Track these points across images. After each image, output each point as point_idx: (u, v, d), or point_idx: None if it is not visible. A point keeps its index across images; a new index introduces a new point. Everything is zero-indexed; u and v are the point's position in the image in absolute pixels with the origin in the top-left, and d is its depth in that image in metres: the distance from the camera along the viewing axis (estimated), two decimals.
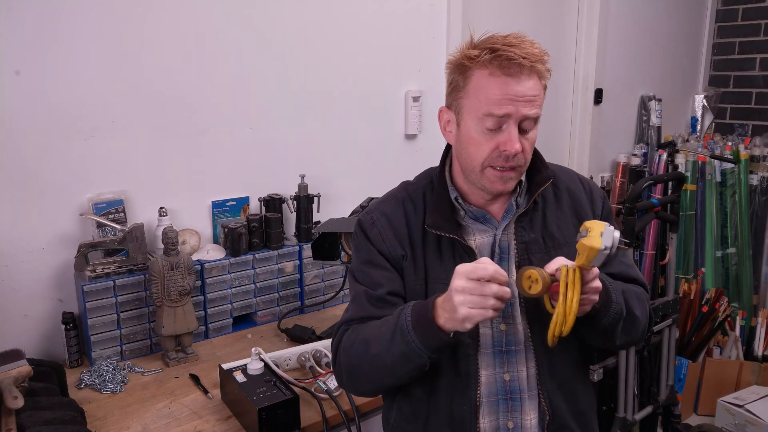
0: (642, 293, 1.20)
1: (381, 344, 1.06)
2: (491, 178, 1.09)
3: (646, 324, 1.21)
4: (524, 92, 1.02)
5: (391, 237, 1.15)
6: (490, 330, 1.13)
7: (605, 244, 0.92)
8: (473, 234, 1.15)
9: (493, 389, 1.13)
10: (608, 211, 1.24)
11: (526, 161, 1.11)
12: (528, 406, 1.14)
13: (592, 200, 1.22)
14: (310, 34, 2.06)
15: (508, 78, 1.02)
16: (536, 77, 1.04)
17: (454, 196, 1.16)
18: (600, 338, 1.15)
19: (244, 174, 2.00)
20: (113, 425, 1.38)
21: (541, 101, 1.07)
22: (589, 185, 1.24)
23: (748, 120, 3.45)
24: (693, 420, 2.88)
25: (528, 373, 1.13)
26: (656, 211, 2.20)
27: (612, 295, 1.07)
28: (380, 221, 1.17)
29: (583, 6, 2.96)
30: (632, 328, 1.15)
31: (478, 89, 1.05)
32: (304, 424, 1.37)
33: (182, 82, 1.82)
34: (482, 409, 1.13)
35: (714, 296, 2.91)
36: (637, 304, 1.15)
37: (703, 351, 2.89)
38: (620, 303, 1.08)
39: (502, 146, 1.05)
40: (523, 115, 1.04)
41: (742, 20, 3.46)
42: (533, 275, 0.96)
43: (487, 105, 1.03)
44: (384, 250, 1.15)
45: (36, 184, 1.63)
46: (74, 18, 1.62)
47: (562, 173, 1.23)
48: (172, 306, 1.64)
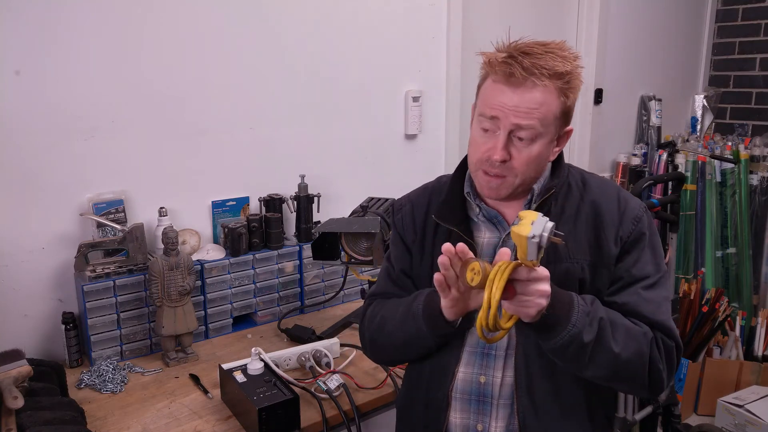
0: (639, 333, 1.06)
1: (395, 324, 1.17)
2: (481, 181, 1.11)
3: (642, 369, 1.05)
4: (518, 103, 1.02)
5: (409, 222, 1.24)
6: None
7: (533, 232, 0.90)
8: (483, 231, 1.17)
9: (468, 388, 1.15)
10: (638, 236, 1.10)
11: (518, 173, 1.07)
12: (498, 413, 1.13)
13: (621, 221, 1.11)
14: (310, 34, 2.06)
15: (505, 87, 1.03)
16: (542, 91, 1.02)
17: (467, 190, 1.17)
18: (563, 362, 1.06)
19: (244, 174, 2.00)
20: (113, 425, 1.38)
21: (545, 115, 1.03)
22: (626, 204, 1.13)
23: (748, 120, 3.45)
24: (693, 420, 2.88)
25: (503, 381, 1.12)
26: (656, 211, 2.20)
27: (573, 316, 0.99)
28: (405, 207, 1.27)
29: (583, 6, 2.96)
30: (606, 363, 1.03)
31: (485, 91, 1.08)
32: (304, 424, 1.36)
33: (182, 82, 1.82)
34: (455, 404, 1.15)
35: (714, 296, 2.91)
36: (623, 340, 1.03)
37: (703, 351, 2.89)
38: (579, 326, 0.99)
39: (487, 152, 1.07)
40: (512, 123, 1.03)
41: (742, 20, 3.45)
42: (476, 267, 0.93)
43: (483, 106, 1.07)
44: (402, 232, 1.25)
45: (36, 184, 1.63)
46: (74, 18, 1.62)
47: (597, 186, 1.16)
48: (172, 306, 1.64)
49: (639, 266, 1.10)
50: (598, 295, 1.09)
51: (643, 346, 1.05)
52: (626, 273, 1.10)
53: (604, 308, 1.06)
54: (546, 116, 1.04)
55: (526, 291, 0.94)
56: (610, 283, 1.11)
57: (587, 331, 1.00)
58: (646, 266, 1.11)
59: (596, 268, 1.10)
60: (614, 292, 1.11)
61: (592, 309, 1.03)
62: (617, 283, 1.11)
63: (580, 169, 1.20)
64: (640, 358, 1.05)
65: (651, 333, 1.08)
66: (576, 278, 1.09)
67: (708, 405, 2.86)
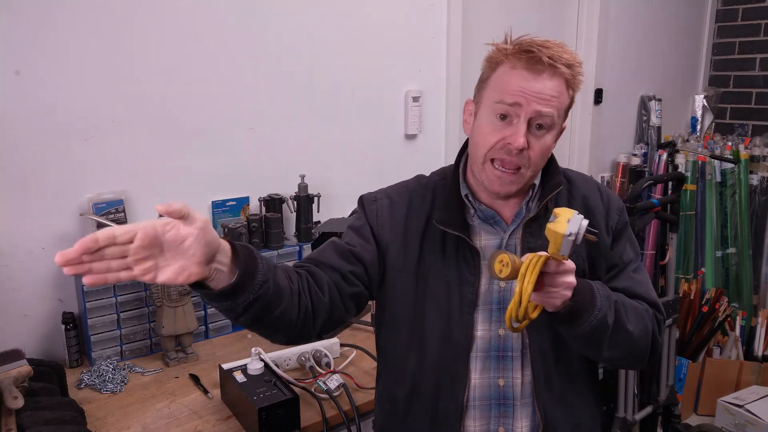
0: (643, 310, 1.14)
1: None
2: (491, 176, 1.08)
3: (647, 343, 1.14)
4: (541, 89, 1.02)
5: (385, 218, 1.18)
6: (489, 333, 1.13)
7: (570, 230, 0.92)
8: (480, 234, 1.15)
9: (487, 393, 1.13)
10: (624, 225, 1.20)
11: (532, 164, 1.07)
12: (521, 413, 1.13)
13: (608, 211, 1.18)
14: (310, 34, 2.06)
15: (528, 73, 1.03)
16: (561, 80, 1.04)
17: (464, 193, 1.16)
18: (584, 347, 1.10)
19: (244, 174, 2.00)
20: (113, 425, 1.38)
21: (560, 105, 1.05)
22: (607, 196, 1.20)
23: (748, 120, 3.45)
24: (693, 420, 2.88)
25: (523, 381, 1.13)
26: (656, 211, 2.20)
27: (597, 301, 1.03)
28: (381, 201, 1.20)
29: (583, 6, 2.96)
30: (623, 342, 1.09)
31: (499, 79, 1.06)
32: (304, 424, 1.36)
33: (182, 82, 1.82)
34: (472, 411, 1.13)
35: (714, 296, 2.91)
36: (634, 318, 1.10)
37: (703, 351, 2.89)
38: (604, 310, 1.03)
39: (507, 138, 1.04)
40: (534, 110, 1.03)
41: (742, 20, 3.45)
42: (504, 259, 0.94)
43: (500, 93, 1.05)
44: (374, 225, 1.18)
45: (36, 184, 1.63)
46: (74, 18, 1.61)
47: (581, 181, 1.21)
48: (172, 306, 1.64)
49: (627, 252, 1.19)
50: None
51: (647, 321, 1.14)
52: (619, 260, 1.18)
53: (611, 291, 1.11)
54: (561, 106, 1.06)
55: (554, 283, 0.96)
56: (607, 270, 1.18)
57: (610, 314, 1.05)
58: (630, 252, 1.20)
59: (594, 258, 1.15)
60: (612, 278, 1.18)
61: (608, 293, 1.08)
62: (613, 270, 1.18)
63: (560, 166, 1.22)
64: (647, 334, 1.13)
65: (650, 309, 1.16)
66: (579, 270, 1.08)
67: (708, 405, 2.86)
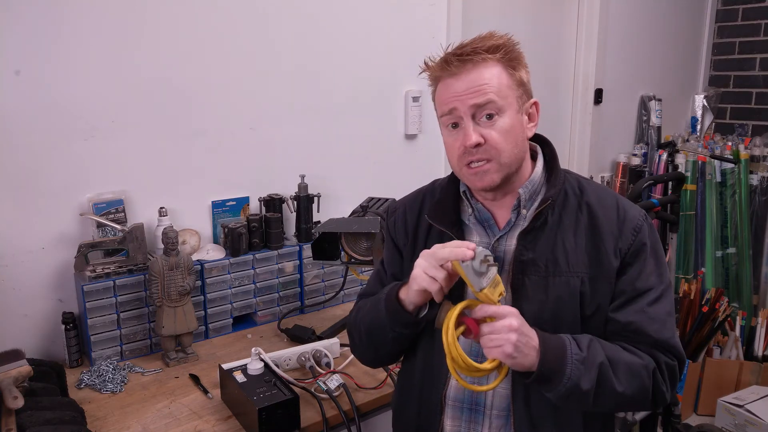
0: (640, 367, 1.04)
1: (365, 312, 1.19)
2: (469, 177, 1.10)
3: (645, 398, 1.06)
4: (468, 85, 1.04)
5: (400, 225, 1.25)
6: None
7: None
8: (473, 235, 1.16)
9: (460, 395, 1.13)
10: (640, 247, 1.07)
11: (500, 150, 1.05)
12: (492, 423, 1.11)
13: (620, 232, 1.07)
14: (310, 34, 2.06)
15: (452, 79, 1.07)
16: (489, 64, 1.04)
17: (463, 189, 1.17)
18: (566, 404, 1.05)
19: (244, 174, 2.00)
20: (113, 425, 1.38)
21: (499, 87, 1.04)
22: (625, 215, 1.09)
23: (748, 120, 3.45)
24: (693, 420, 2.88)
25: (496, 391, 1.10)
26: (656, 211, 2.20)
27: (567, 368, 0.97)
28: (399, 210, 1.28)
29: (583, 6, 2.96)
30: (611, 400, 1.03)
31: (438, 97, 1.11)
32: (304, 424, 1.36)
33: (182, 82, 1.82)
34: (447, 410, 1.14)
35: (714, 296, 2.91)
36: (626, 379, 1.02)
37: (703, 351, 2.89)
38: (574, 378, 0.98)
39: (462, 141, 1.06)
40: (470, 105, 1.04)
41: (742, 20, 3.45)
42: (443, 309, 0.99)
43: (441, 107, 1.10)
44: (394, 235, 1.27)
45: (36, 184, 1.63)
46: (74, 18, 1.61)
47: (594, 196, 1.11)
48: (172, 306, 1.64)
49: (642, 279, 1.07)
50: (600, 310, 1.07)
51: (645, 380, 1.04)
52: (629, 286, 1.07)
53: (602, 348, 1.03)
54: (499, 88, 1.05)
55: (493, 329, 0.96)
56: (612, 297, 1.08)
57: (585, 380, 0.99)
58: (649, 278, 1.07)
59: (597, 281, 1.06)
60: (617, 308, 1.07)
61: (588, 355, 1.01)
62: (620, 298, 1.07)
63: (578, 176, 1.17)
64: (643, 392, 1.05)
65: (653, 363, 1.05)
66: (577, 291, 1.06)
67: (708, 405, 2.86)
